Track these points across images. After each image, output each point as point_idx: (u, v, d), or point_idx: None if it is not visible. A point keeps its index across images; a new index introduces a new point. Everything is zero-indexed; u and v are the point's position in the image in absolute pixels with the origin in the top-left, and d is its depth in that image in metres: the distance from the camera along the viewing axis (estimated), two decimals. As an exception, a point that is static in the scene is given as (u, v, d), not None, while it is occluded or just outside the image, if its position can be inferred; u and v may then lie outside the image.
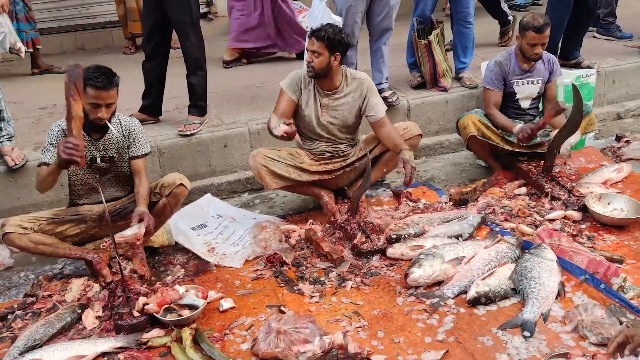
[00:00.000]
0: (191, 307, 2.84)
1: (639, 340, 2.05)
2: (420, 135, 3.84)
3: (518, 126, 3.93)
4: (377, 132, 3.71)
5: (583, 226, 3.45)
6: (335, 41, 3.44)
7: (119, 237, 2.89)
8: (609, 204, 3.56)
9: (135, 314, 2.77)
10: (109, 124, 3.06)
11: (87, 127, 3.05)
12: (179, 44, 4.32)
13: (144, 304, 2.80)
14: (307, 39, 3.59)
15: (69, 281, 3.15)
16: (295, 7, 6.91)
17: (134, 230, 2.93)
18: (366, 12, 4.37)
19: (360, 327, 2.70)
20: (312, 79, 3.60)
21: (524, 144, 3.99)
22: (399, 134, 3.68)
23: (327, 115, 3.65)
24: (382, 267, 3.17)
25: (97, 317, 2.86)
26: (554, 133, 3.87)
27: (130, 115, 4.23)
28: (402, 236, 3.33)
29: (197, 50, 4.16)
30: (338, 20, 4.07)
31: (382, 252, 3.27)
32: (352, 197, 3.57)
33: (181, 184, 3.23)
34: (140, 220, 2.96)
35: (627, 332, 2.08)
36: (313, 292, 2.98)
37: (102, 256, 3.14)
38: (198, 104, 4.28)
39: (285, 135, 3.31)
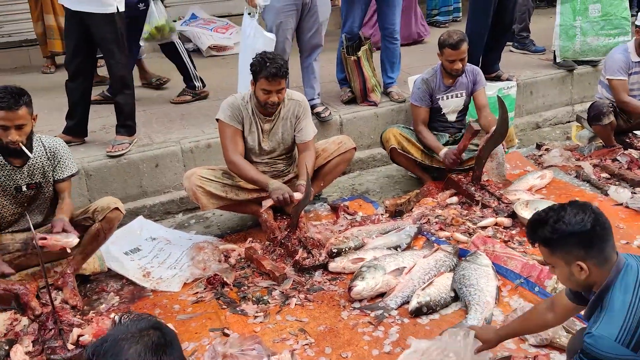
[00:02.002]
0: (130, 336, 2.72)
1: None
2: (355, 148, 3.89)
3: (443, 151, 4.03)
4: (299, 152, 3.74)
5: (513, 232, 3.59)
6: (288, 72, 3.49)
7: (52, 239, 2.73)
8: (535, 209, 3.70)
9: (70, 346, 2.63)
10: (23, 148, 2.85)
11: (5, 153, 2.87)
12: (101, 62, 4.16)
13: (79, 336, 2.66)
14: (263, 79, 3.41)
15: (-6, 316, 2.94)
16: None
17: (67, 239, 2.79)
18: (296, 28, 4.40)
19: (307, 344, 2.69)
20: (250, 106, 3.55)
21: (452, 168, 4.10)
22: (311, 162, 3.67)
23: (268, 141, 3.62)
24: (325, 282, 3.17)
25: (27, 353, 2.67)
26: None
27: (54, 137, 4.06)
28: (343, 250, 3.35)
29: (123, 68, 4.03)
30: (271, 38, 4.07)
31: (324, 267, 3.27)
32: (291, 213, 3.55)
33: (116, 208, 3.09)
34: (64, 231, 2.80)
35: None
36: (257, 312, 2.94)
37: (29, 287, 2.95)
38: (126, 124, 4.14)
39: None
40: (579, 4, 5.35)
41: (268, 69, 3.34)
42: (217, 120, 3.60)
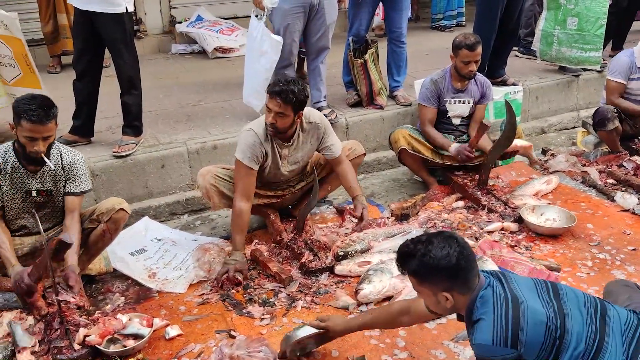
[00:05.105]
0: (136, 337, 2.72)
1: None
2: (364, 154, 3.89)
3: (453, 146, 4.06)
4: (334, 167, 3.66)
5: (520, 237, 3.58)
6: (302, 102, 3.28)
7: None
8: (542, 214, 3.73)
9: (76, 346, 2.61)
10: (45, 159, 2.84)
11: (20, 157, 2.87)
12: (108, 62, 4.13)
13: (85, 336, 2.65)
14: (265, 97, 3.29)
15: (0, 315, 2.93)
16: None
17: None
18: (303, 31, 4.40)
19: (314, 347, 2.67)
20: (269, 136, 3.40)
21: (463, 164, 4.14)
22: (352, 174, 3.65)
23: (287, 165, 3.54)
24: (331, 285, 3.16)
25: (33, 353, 2.65)
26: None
27: (60, 137, 4.07)
28: (349, 253, 3.34)
29: (131, 69, 4.02)
30: (278, 40, 4.07)
31: (330, 269, 3.26)
32: (298, 216, 3.54)
33: (121, 209, 3.08)
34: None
35: None
36: (263, 314, 2.93)
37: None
38: (133, 124, 4.14)
39: None
40: (561, 14, 5.51)
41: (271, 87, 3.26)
42: (236, 157, 3.40)
